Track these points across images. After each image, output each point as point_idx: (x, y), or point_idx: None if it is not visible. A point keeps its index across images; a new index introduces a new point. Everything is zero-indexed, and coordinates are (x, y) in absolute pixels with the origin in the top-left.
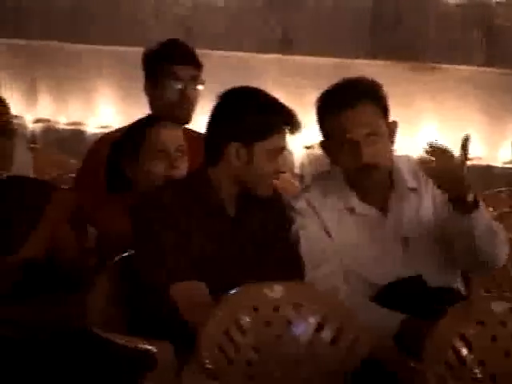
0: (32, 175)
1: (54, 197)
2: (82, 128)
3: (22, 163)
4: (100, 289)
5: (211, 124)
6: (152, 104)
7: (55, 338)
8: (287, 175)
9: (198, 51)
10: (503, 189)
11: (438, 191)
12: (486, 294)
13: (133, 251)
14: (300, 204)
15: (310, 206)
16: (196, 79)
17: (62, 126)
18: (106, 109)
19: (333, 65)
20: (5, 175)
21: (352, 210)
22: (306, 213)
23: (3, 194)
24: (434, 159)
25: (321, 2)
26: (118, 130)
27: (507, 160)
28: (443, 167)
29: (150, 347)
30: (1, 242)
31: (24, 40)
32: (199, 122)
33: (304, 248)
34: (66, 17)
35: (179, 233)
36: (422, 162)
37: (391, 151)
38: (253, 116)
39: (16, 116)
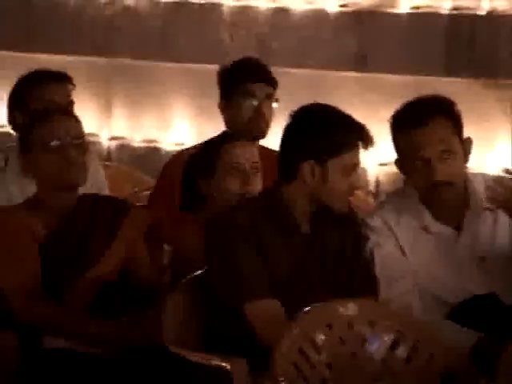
0: (106, 193)
1: (129, 214)
2: (157, 145)
3: (97, 180)
4: (175, 306)
5: (285, 141)
6: (227, 121)
7: (132, 355)
8: (361, 192)
9: (273, 69)
10: None
11: None
12: None
13: (207, 269)
14: (375, 222)
15: (385, 224)
16: (271, 97)
17: (136, 144)
18: (181, 126)
19: (407, 82)
20: (80, 193)
21: (426, 229)
22: (381, 231)
23: (79, 212)
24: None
25: (396, 19)
26: (192, 147)
27: None
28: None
29: (224, 364)
30: (77, 260)
31: (102, 58)
32: (274, 139)
33: (379, 266)
34: (154, 35)
35: (254, 251)
36: (496, 182)
37: (465, 168)
38: (327, 133)
39: (91, 133)
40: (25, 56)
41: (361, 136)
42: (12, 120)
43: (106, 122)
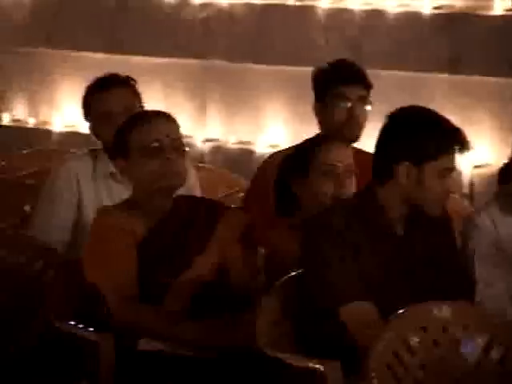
0: (197, 194)
1: (224, 216)
2: (251, 147)
3: (188, 182)
4: (268, 308)
5: (381, 144)
6: (321, 123)
7: (226, 357)
8: (456, 195)
9: (367, 71)
10: None
11: None
12: None
13: (301, 271)
14: (479, 220)
15: (490, 222)
16: (364, 99)
17: (230, 146)
18: (275, 128)
19: (500, 84)
20: (176, 195)
21: None
22: (485, 229)
23: (175, 214)
24: None
25: (489, 21)
26: (286, 150)
27: None
28: None
29: (319, 366)
30: (173, 262)
31: (197, 60)
32: (368, 141)
33: (478, 265)
34: (249, 38)
35: (348, 254)
36: None
37: None
38: (424, 136)
39: (185, 135)
40: (119, 58)
41: (458, 140)
42: (89, 126)
43: (201, 124)
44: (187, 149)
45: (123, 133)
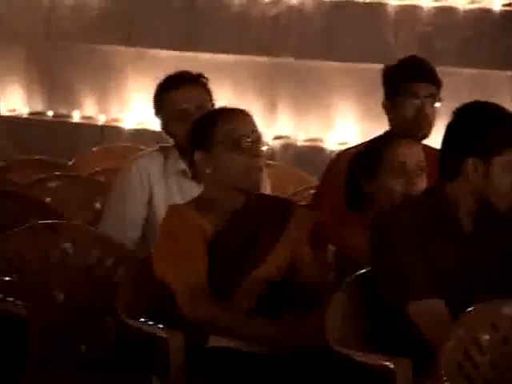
0: (268, 192)
1: (295, 214)
2: (321, 145)
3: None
4: (339, 306)
5: (448, 139)
6: (391, 121)
7: (296, 355)
8: None
9: (436, 68)
10: None
11: None
12: None
13: (371, 268)
14: None
15: None
16: (434, 97)
17: (300, 143)
18: (345, 125)
19: None
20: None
21: None
22: None
23: (246, 212)
24: None
25: None
26: (356, 147)
27: None
28: None
29: (389, 364)
30: (244, 260)
31: (266, 57)
32: (438, 139)
33: None
34: (319, 35)
35: (418, 251)
36: None
37: None
38: (492, 130)
39: None
40: (189, 55)
41: None
42: (161, 123)
43: (271, 121)
44: None
45: (208, 125)
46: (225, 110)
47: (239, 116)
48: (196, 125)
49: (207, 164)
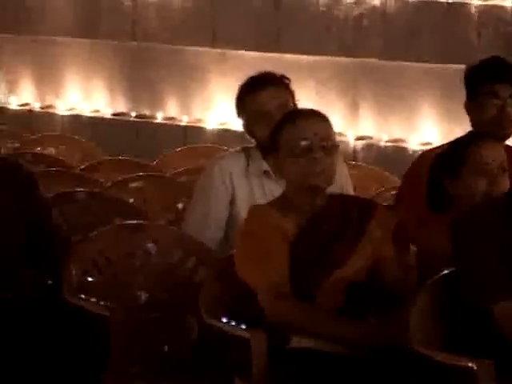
0: (351, 192)
1: (376, 214)
2: (404, 145)
3: (341, 180)
4: (421, 307)
5: None
6: (472, 121)
7: (378, 355)
8: None
9: None
10: None
11: None
12: None
13: (454, 269)
14: None
15: None
16: None
17: (383, 143)
18: (428, 126)
19: None
20: (328, 193)
21: None
22: None
23: (327, 212)
24: None
25: None
26: (438, 147)
27: None
28: None
29: (471, 365)
30: (325, 260)
31: (349, 58)
32: None
33: None
34: (402, 35)
35: (501, 252)
36: None
37: None
38: None
39: (337, 133)
40: (272, 56)
41: None
42: (243, 124)
43: (353, 121)
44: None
45: (275, 131)
46: (291, 113)
47: (303, 118)
48: (273, 127)
49: (278, 167)
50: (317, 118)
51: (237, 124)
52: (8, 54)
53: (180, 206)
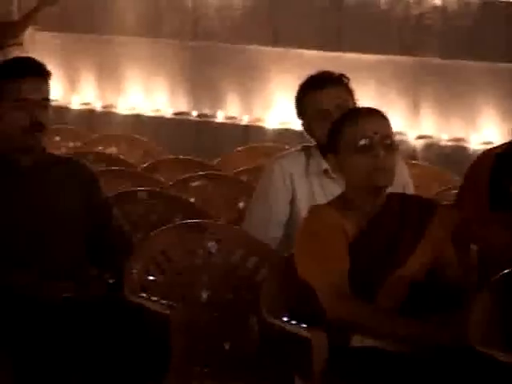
0: (411, 191)
1: (437, 214)
2: (465, 144)
3: (402, 179)
4: (482, 306)
5: None
6: None
7: (439, 355)
8: None
9: None
10: None
11: None
12: None
13: None
14: None
15: None
16: None
17: (444, 143)
18: (489, 125)
19: None
20: (388, 192)
21: None
22: None
23: (387, 212)
24: None
25: None
26: (500, 147)
27: None
28: None
29: None
30: (385, 260)
31: (410, 57)
32: None
33: None
34: (463, 34)
35: None
36: None
37: None
38: None
39: (398, 132)
40: (332, 55)
41: None
42: (303, 123)
43: (414, 121)
44: (399, 146)
45: (334, 129)
46: (351, 112)
47: (362, 118)
48: (330, 127)
49: (338, 166)
50: (377, 116)
51: (297, 123)
52: (70, 53)
53: (241, 205)
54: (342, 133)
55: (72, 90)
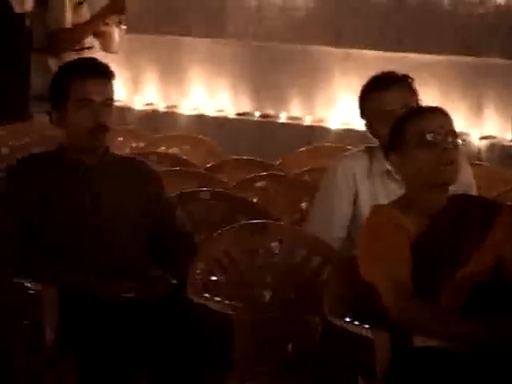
0: (474, 192)
1: (500, 214)
2: None
3: (465, 179)
4: None
5: None
6: None
7: (502, 356)
8: None
9: None
10: None
11: None
12: None
13: None
14: None
15: None
16: None
17: (507, 143)
18: None
19: None
20: (451, 193)
21: None
22: None
23: (450, 212)
24: None
25: None
26: None
27: None
28: None
29: None
30: (448, 260)
31: (472, 57)
32: None
33: None
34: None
35: None
36: None
37: None
38: None
39: (461, 132)
40: (395, 56)
41: None
42: (366, 124)
43: (477, 121)
44: (462, 146)
45: (397, 126)
46: (413, 111)
47: (426, 114)
48: (391, 127)
49: (400, 165)
50: (441, 112)
51: (360, 123)
52: (134, 53)
53: (303, 205)
54: (405, 129)
55: (135, 90)
